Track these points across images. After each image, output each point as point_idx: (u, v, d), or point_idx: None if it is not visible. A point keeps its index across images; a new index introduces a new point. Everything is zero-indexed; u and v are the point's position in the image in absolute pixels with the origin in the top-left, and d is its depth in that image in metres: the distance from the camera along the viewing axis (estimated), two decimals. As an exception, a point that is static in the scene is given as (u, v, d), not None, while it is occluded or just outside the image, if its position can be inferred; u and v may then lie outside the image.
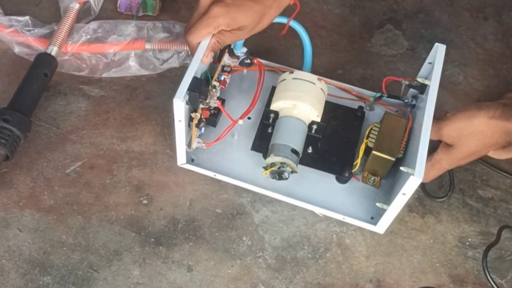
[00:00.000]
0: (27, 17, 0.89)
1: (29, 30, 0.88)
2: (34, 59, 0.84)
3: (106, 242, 0.72)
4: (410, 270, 0.72)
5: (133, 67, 0.87)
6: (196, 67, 0.68)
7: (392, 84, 0.77)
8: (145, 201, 0.76)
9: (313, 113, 0.75)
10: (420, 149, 0.64)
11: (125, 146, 0.81)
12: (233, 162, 0.77)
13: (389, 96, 0.80)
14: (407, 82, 0.75)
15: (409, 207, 0.77)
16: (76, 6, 0.90)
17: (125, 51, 0.88)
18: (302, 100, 0.74)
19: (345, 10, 0.98)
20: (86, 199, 0.75)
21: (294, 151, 0.72)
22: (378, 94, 0.80)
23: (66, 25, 0.88)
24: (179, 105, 0.67)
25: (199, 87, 0.68)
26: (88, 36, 0.88)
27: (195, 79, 0.68)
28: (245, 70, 0.82)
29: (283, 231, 0.74)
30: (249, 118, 0.80)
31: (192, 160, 0.77)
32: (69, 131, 0.82)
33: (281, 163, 0.72)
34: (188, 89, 0.67)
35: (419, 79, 0.73)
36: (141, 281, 0.69)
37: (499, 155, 0.79)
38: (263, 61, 0.82)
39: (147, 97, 0.86)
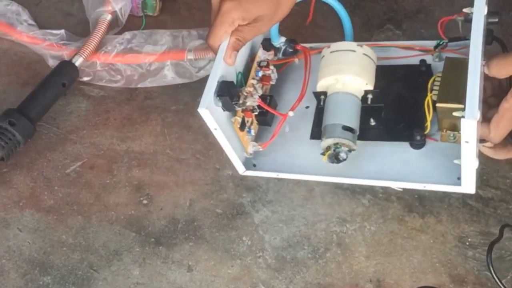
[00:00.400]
0: (62, 31, 0.88)
1: (64, 44, 0.88)
2: (55, 66, 0.83)
3: (106, 242, 0.72)
4: (410, 270, 0.72)
5: (169, 76, 0.87)
6: (218, 70, 0.65)
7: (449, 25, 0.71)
8: (145, 201, 0.76)
9: (360, 82, 0.69)
10: (469, 85, 0.56)
11: (125, 146, 0.81)
12: (296, 156, 0.72)
13: (450, 40, 0.72)
14: (462, 18, 0.68)
15: (409, 207, 0.77)
16: (108, 17, 0.90)
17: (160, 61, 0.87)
18: (343, 71, 0.69)
19: (345, 10, 0.98)
20: (86, 199, 0.75)
21: (346, 128, 0.67)
22: (442, 41, 0.72)
23: (97, 37, 0.88)
24: (205, 114, 0.64)
25: (228, 90, 0.65)
26: (122, 47, 0.88)
27: (221, 83, 0.65)
28: (296, 60, 0.76)
29: (283, 231, 0.74)
30: (307, 107, 0.74)
31: (254, 165, 0.73)
32: (69, 131, 0.82)
33: (335, 144, 0.67)
34: (217, 95, 0.64)
35: (466, 10, 0.66)
36: (141, 281, 0.69)
37: (499, 154, 0.78)
38: (307, 45, 0.76)
39: (147, 97, 0.86)
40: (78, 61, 0.84)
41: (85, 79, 0.86)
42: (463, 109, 0.57)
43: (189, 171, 0.79)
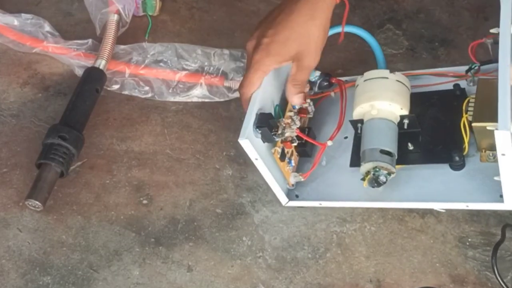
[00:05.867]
0: (89, 40, 0.88)
1: (92, 53, 0.87)
2: (83, 73, 0.83)
3: (106, 242, 0.72)
4: (410, 270, 0.72)
5: (201, 94, 0.86)
6: (256, 102, 0.68)
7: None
8: (145, 201, 0.76)
9: (394, 107, 0.71)
10: (500, 98, 0.57)
11: (125, 146, 0.81)
12: (336, 184, 0.74)
13: (482, 64, 0.74)
14: (491, 40, 0.70)
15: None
16: (115, 17, 0.89)
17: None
18: (377, 98, 0.71)
19: (345, 10, 0.98)
20: (86, 199, 0.75)
21: (384, 152, 0.69)
22: (474, 65, 0.74)
23: (111, 38, 0.86)
24: (246, 144, 0.65)
25: (266, 121, 0.67)
26: (154, 58, 0.87)
27: (260, 114, 0.67)
28: (332, 94, 0.79)
29: (283, 231, 0.74)
30: (345, 137, 0.77)
31: (297, 196, 0.74)
32: (69, 131, 0.82)
33: (374, 168, 0.69)
34: (257, 126, 0.66)
35: (493, 31, 0.68)
36: (141, 281, 0.69)
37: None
38: (343, 78, 0.79)
39: (147, 97, 0.86)
40: (102, 64, 0.84)
41: (114, 87, 0.85)
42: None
43: (189, 171, 0.79)
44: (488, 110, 0.64)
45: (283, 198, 0.74)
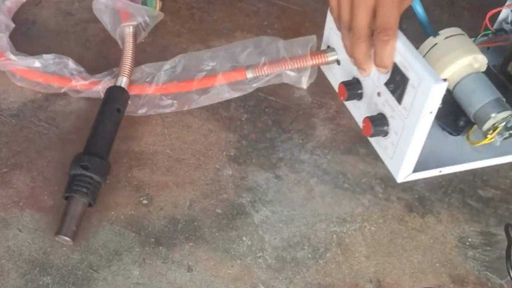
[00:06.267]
0: (113, 70, 0.85)
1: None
2: (104, 94, 0.80)
3: (106, 242, 0.72)
4: (410, 270, 0.72)
5: (223, 92, 0.83)
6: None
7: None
8: (145, 201, 0.76)
9: (484, 59, 0.70)
10: None
11: (125, 146, 0.81)
12: (443, 150, 0.72)
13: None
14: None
15: (409, 207, 0.77)
16: (131, 29, 0.86)
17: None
18: (476, 51, 0.69)
19: (345, 10, 0.98)
20: (86, 199, 0.75)
21: (499, 101, 0.68)
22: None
23: (130, 52, 0.84)
24: (439, 89, 0.60)
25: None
26: (172, 74, 0.84)
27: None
28: None
29: (283, 231, 0.74)
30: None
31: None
32: (69, 131, 0.82)
33: (505, 117, 0.67)
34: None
35: None
36: (141, 281, 0.69)
37: None
38: None
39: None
40: (123, 82, 0.81)
41: (140, 112, 0.83)
42: None
43: (189, 171, 0.79)
44: None
45: (409, 169, 0.70)
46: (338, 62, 0.77)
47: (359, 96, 0.73)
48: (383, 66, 0.65)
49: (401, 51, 0.64)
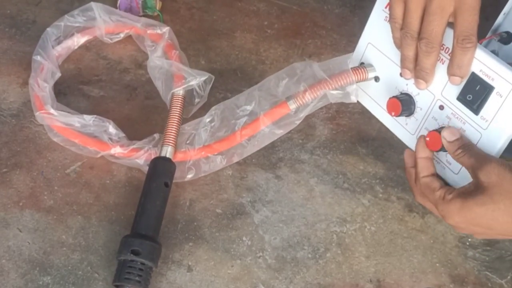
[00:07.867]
0: (155, 135, 0.78)
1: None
2: (149, 167, 0.74)
3: (106, 242, 0.72)
4: (410, 270, 0.72)
5: (269, 132, 0.76)
6: None
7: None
8: (145, 201, 0.76)
9: None
10: None
11: (125, 146, 0.81)
12: None
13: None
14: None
15: (409, 207, 0.77)
16: (180, 92, 0.80)
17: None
18: None
19: (345, 10, 0.98)
20: (86, 199, 0.75)
21: None
22: None
23: (176, 118, 0.78)
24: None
25: None
26: (212, 129, 0.78)
27: None
28: None
29: (283, 231, 0.74)
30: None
31: None
32: (69, 131, 0.82)
33: None
34: None
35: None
36: (141, 281, 0.69)
37: None
38: None
39: (147, 97, 0.86)
40: (169, 152, 0.75)
41: (189, 176, 0.77)
42: None
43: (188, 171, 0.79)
44: None
45: None
46: (376, 79, 0.73)
47: (411, 111, 0.69)
48: (460, 75, 0.61)
49: (482, 59, 0.61)
